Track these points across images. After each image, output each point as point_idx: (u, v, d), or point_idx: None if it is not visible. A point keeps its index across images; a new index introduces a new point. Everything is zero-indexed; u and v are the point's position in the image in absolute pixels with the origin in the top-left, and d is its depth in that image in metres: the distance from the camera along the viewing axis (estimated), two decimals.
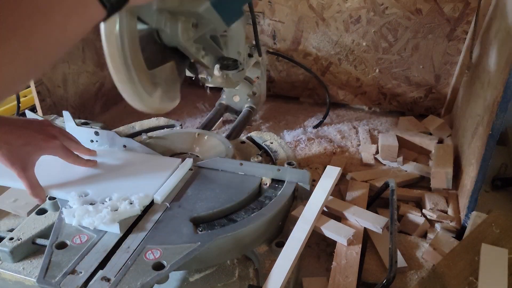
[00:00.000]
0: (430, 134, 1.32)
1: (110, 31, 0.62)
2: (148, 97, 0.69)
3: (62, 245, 0.70)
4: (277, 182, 0.89)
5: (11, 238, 0.77)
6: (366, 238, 0.89)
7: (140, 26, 0.74)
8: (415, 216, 0.96)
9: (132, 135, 1.04)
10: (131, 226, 0.74)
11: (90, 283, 0.64)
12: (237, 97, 1.38)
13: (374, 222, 0.86)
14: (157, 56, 0.78)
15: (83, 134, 0.97)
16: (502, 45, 0.93)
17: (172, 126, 1.12)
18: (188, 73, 0.94)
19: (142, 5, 0.53)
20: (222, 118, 1.41)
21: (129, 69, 0.66)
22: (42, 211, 0.84)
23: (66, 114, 0.96)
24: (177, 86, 0.79)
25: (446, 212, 0.99)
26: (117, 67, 0.66)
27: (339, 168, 0.91)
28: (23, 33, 0.36)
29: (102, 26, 0.62)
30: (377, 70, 1.47)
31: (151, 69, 0.73)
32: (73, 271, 0.65)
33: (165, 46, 0.80)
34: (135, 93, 0.68)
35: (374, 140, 1.32)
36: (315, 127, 1.43)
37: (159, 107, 0.72)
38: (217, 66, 0.92)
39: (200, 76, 0.98)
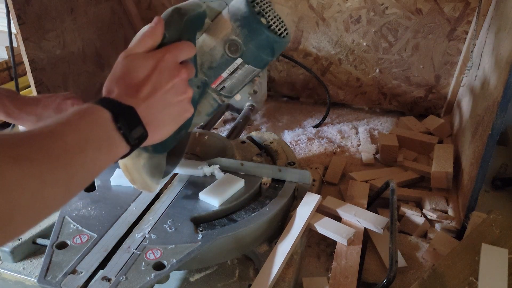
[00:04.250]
0: (430, 134, 1.32)
1: None
2: (153, 183, 0.68)
3: (62, 245, 0.70)
4: (277, 182, 0.89)
5: None
6: (366, 238, 0.89)
7: None
8: (415, 216, 0.96)
9: None
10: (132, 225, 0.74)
11: (91, 283, 0.64)
12: (238, 95, 1.38)
13: (374, 222, 0.86)
14: None
15: None
16: (502, 45, 0.93)
17: None
18: None
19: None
20: (222, 117, 1.41)
21: None
22: None
23: None
24: (161, 170, 0.72)
25: (446, 212, 0.99)
26: None
27: (319, 195, 0.87)
28: (64, 161, 0.43)
29: None
30: (377, 70, 1.47)
31: None
32: (73, 271, 0.65)
33: None
34: (146, 185, 0.68)
35: (374, 140, 1.32)
36: (315, 127, 1.43)
37: (138, 169, 0.67)
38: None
39: None
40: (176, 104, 0.59)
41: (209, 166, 0.88)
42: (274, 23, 0.70)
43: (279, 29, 0.70)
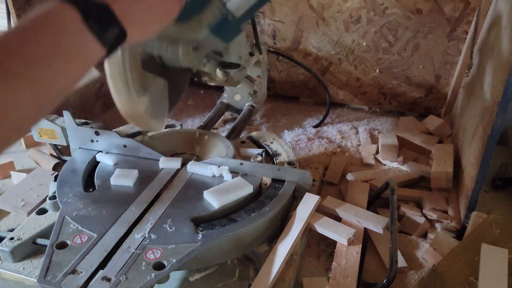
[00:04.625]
0: (431, 134, 1.32)
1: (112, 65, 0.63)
2: (135, 96, 0.66)
3: (62, 245, 0.70)
4: (277, 182, 0.89)
5: (12, 238, 0.77)
6: (366, 238, 0.89)
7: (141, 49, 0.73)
8: (415, 216, 0.96)
9: (132, 135, 1.04)
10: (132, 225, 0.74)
11: (91, 283, 0.64)
12: (238, 95, 1.38)
13: (374, 222, 0.86)
14: (155, 66, 0.78)
15: (83, 134, 0.97)
16: (502, 45, 0.93)
17: (172, 126, 1.12)
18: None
19: (140, 42, 0.54)
20: (222, 117, 1.41)
21: (124, 64, 0.64)
22: (42, 211, 0.84)
23: (66, 114, 0.96)
24: (164, 108, 0.74)
25: (446, 212, 0.99)
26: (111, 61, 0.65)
27: (318, 196, 0.87)
28: (28, 79, 0.39)
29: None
30: (377, 70, 1.47)
31: (145, 70, 0.72)
32: (73, 271, 0.65)
33: (164, 66, 0.79)
34: (123, 85, 0.66)
35: (374, 140, 1.32)
36: (315, 127, 1.43)
37: (141, 114, 0.67)
38: (218, 71, 0.91)
39: (203, 79, 0.97)
40: (159, 2, 0.53)
41: (219, 167, 0.88)
42: None
43: None
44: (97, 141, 0.97)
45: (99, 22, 0.45)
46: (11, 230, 0.81)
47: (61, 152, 1.14)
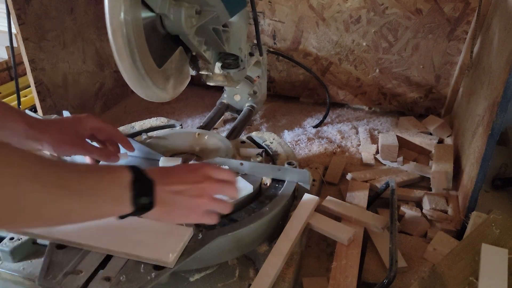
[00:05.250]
0: (430, 134, 1.32)
1: (115, 24, 0.64)
2: (162, 91, 0.73)
3: (62, 245, 0.70)
4: (277, 182, 0.89)
5: (12, 238, 0.77)
6: (366, 238, 0.89)
7: (144, 14, 0.74)
8: (415, 216, 0.96)
9: (132, 135, 1.04)
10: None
11: (91, 283, 0.64)
12: (237, 96, 1.38)
13: (374, 222, 0.86)
14: (164, 48, 0.79)
15: None
16: (502, 45, 0.93)
17: (172, 126, 1.12)
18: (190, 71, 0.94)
19: None
20: (222, 117, 1.41)
21: (139, 68, 0.68)
22: None
23: (66, 114, 0.96)
24: (186, 65, 0.81)
25: (446, 212, 0.99)
26: (126, 65, 0.68)
27: (317, 197, 0.87)
28: (80, 197, 0.52)
29: (107, 18, 0.63)
30: (377, 70, 1.47)
31: (161, 66, 0.73)
32: (73, 271, 0.65)
33: (168, 36, 0.80)
34: (148, 89, 0.71)
35: (374, 140, 1.32)
36: (315, 127, 1.43)
37: (174, 94, 0.78)
38: (218, 64, 0.92)
39: (201, 72, 0.97)
40: (192, 210, 0.64)
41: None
42: None
43: None
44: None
45: (140, 189, 0.57)
46: None
47: None
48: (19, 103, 1.28)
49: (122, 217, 0.58)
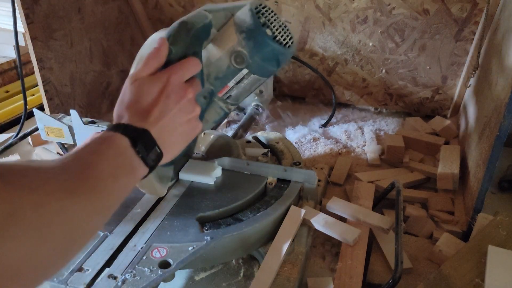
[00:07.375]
0: (437, 135, 1.31)
1: None
2: (161, 189, 0.77)
3: None
4: (283, 182, 0.89)
5: None
6: (371, 239, 0.89)
7: None
8: (421, 217, 0.96)
9: None
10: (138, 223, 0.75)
11: (97, 280, 0.64)
12: None
13: (380, 223, 0.86)
14: None
15: (90, 133, 0.97)
16: (509, 45, 0.93)
17: None
18: None
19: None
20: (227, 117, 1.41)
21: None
22: None
23: (73, 113, 0.96)
24: (168, 175, 0.81)
25: (452, 214, 0.98)
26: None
27: (303, 209, 0.83)
28: (101, 193, 0.47)
29: None
30: (383, 71, 1.46)
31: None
32: (80, 269, 0.66)
33: None
34: (154, 190, 0.76)
35: (380, 141, 1.32)
36: (321, 127, 1.43)
37: (146, 183, 0.74)
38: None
39: None
40: (185, 123, 0.62)
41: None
42: (279, 33, 0.69)
43: (284, 39, 0.69)
44: None
45: (145, 147, 0.54)
46: None
47: (68, 150, 1.15)
48: (25, 102, 1.29)
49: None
